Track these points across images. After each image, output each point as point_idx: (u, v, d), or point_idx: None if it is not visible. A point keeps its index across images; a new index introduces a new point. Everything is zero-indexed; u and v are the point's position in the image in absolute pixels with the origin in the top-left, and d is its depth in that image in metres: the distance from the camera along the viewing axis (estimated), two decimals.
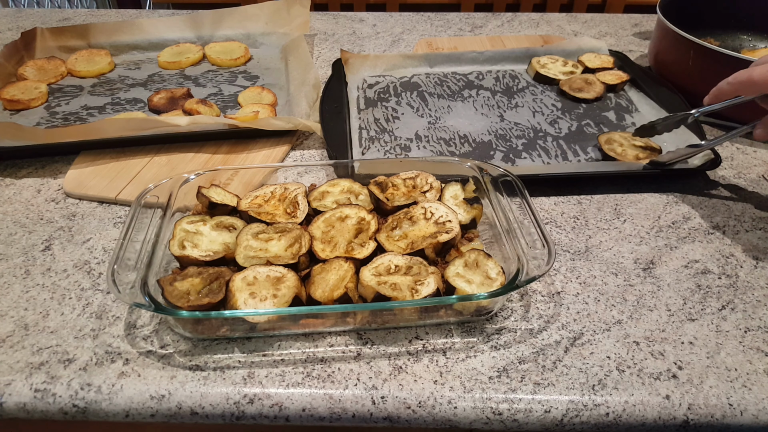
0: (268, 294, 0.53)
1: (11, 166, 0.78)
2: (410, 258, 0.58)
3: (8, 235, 0.67)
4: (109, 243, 0.66)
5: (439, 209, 0.63)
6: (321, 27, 1.22)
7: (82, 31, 1.07)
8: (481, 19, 1.25)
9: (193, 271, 0.56)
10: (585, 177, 0.75)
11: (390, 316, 0.55)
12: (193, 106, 0.88)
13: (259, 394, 0.50)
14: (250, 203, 0.66)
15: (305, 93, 0.90)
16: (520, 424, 0.50)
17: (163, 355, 0.53)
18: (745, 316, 0.58)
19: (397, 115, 0.90)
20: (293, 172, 0.77)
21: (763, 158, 0.81)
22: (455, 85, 0.98)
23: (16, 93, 0.92)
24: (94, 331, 0.55)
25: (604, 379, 0.51)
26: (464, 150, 0.82)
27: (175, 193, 0.64)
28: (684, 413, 0.49)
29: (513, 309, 0.58)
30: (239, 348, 0.54)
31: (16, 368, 0.52)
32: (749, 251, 0.66)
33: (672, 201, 0.73)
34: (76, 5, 1.99)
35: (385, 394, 0.50)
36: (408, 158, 0.80)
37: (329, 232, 0.62)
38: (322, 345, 0.54)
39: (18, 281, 0.61)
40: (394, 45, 1.15)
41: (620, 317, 0.58)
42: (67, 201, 0.73)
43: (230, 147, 0.82)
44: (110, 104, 0.93)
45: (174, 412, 0.50)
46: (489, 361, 0.53)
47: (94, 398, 0.50)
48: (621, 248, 0.66)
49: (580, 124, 0.88)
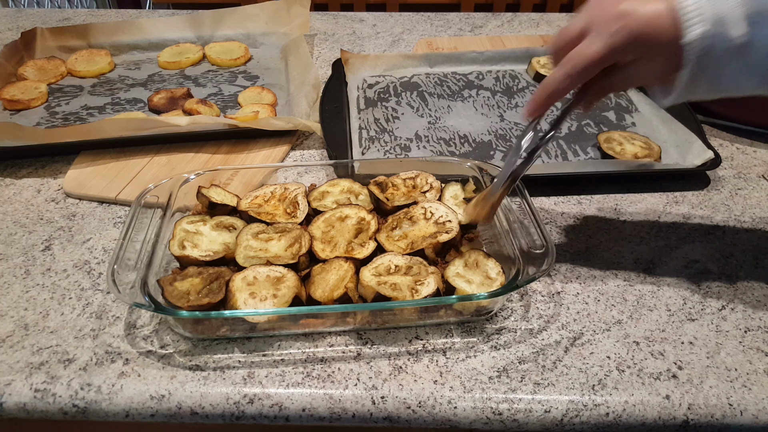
0: (268, 294, 0.53)
1: (11, 166, 0.78)
2: (410, 258, 0.58)
3: (8, 235, 0.67)
4: (109, 243, 0.66)
5: (439, 209, 0.63)
6: (321, 27, 1.22)
7: (82, 31, 1.07)
8: (481, 19, 1.25)
9: (193, 271, 0.56)
10: (585, 177, 0.75)
11: (390, 316, 0.55)
12: (193, 106, 0.88)
13: (259, 394, 0.50)
14: (250, 203, 0.66)
15: (305, 93, 0.90)
16: (520, 424, 0.50)
17: (163, 355, 0.53)
18: (745, 316, 0.58)
19: (397, 115, 0.90)
20: (293, 172, 0.77)
21: (763, 158, 0.81)
22: (455, 85, 0.98)
23: (16, 93, 0.92)
24: (94, 331, 0.55)
25: (604, 379, 0.51)
26: (464, 150, 0.82)
27: (175, 193, 0.64)
28: (684, 413, 0.49)
29: (513, 309, 0.58)
30: (239, 348, 0.54)
31: (16, 368, 0.52)
32: (749, 251, 0.66)
33: (672, 201, 0.73)
34: (76, 5, 1.99)
35: (385, 394, 0.50)
36: (408, 158, 0.80)
37: (329, 232, 0.62)
38: (322, 345, 0.54)
39: (18, 281, 0.61)
40: (394, 45, 1.15)
41: (620, 317, 0.58)
42: (67, 201, 0.73)
43: (230, 147, 0.82)
44: (110, 104, 0.93)
45: (174, 412, 0.50)
46: (489, 361, 0.53)
47: (94, 398, 0.50)
48: (621, 248, 0.66)
49: (579, 124, 0.88)
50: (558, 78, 0.46)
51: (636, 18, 0.43)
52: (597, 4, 0.46)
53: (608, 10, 0.44)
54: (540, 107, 0.49)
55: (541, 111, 0.49)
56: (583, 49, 0.45)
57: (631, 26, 0.43)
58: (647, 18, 0.43)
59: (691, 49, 0.41)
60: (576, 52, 0.46)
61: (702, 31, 0.40)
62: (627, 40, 0.44)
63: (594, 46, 0.44)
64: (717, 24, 0.39)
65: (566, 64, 0.46)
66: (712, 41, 0.40)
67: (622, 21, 0.43)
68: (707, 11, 0.39)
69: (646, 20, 0.43)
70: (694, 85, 0.43)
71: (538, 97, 0.49)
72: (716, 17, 0.39)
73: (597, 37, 0.44)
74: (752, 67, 0.41)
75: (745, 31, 0.39)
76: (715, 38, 0.40)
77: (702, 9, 0.39)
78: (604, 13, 0.45)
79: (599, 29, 0.45)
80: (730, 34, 0.40)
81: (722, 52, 0.40)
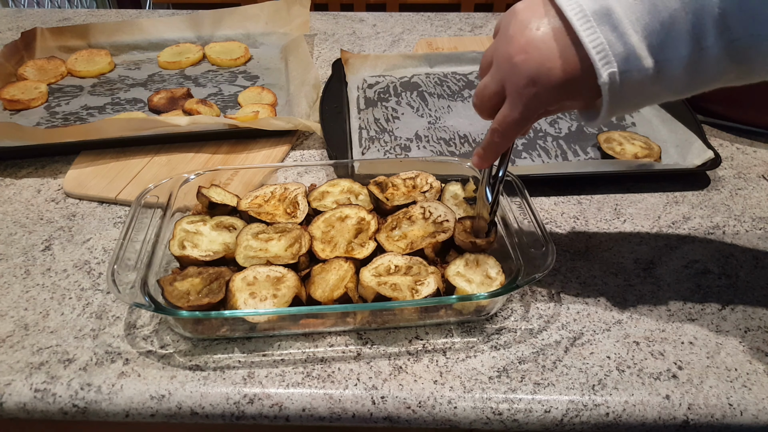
0: (268, 294, 0.53)
1: (11, 166, 0.78)
2: (410, 258, 0.58)
3: (8, 235, 0.67)
4: (109, 243, 0.66)
5: (438, 209, 0.63)
6: (321, 27, 1.22)
7: (82, 31, 1.07)
8: (481, 19, 1.25)
9: (193, 271, 0.56)
10: (585, 177, 0.75)
11: (390, 316, 0.55)
12: (193, 106, 0.88)
13: (259, 394, 0.50)
14: (250, 203, 0.66)
15: (305, 93, 0.90)
16: (520, 424, 0.50)
17: (163, 355, 0.53)
18: (745, 316, 0.58)
19: (397, 115, 0.90)
20: (293, 172, 0.77)
21: (763, 158, 0.81)
22: (455, 85, 0.98)
23: (16, 93, 0.92)
24: (94, 331, 0.55)
25: (604, 379, 0.51)
26: (464, 150, 0.82)
27: (175, 193, 0.64)
28: (684, 413, 0.49)
29: (513, 309, 0.58)
30: (239, 348, 0.54)
31: (16, 368, 0.52)
32: (749, 251, 0.66)
33: (672, 201, 0.73)
34: (76, 5, 1.99)
35: (385, 394, 0.50)
36: (408, 158, 0.80)
37: (329, 232, 0.62)
38: (322, 345, 0.54)
39: (18, 281, 0.61)
40: (394, 45, 1.15)
41: (620, 317, 0.58)
42: (67, 201, 0.73)
43: (230, 147, 0.82)
44: (110, 104, 0.93)
45: (174, 412, 0.50)
46: (489, 361, 0.53)
47: (94, 398, 0.50)
48: (621, 248, 0.66)
49: (579, 124, 0.88)
50: (494, 141, 0.51)
51: (547, 83, 0.44)
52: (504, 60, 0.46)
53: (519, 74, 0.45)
54: (487, 161, 0.54)
55: (490, 162, 0.55)
56: (507, 116, 0.48)
57: (544, 93, 0.45)
58: (558, 79, 0.44)
59: (605, 88, 0.42)
60: (502, 119, 0.48)
61: (612, 71, 0.41)
62: (544, 102, 0.45)
63: (514, 113, 0.47)
64: (625, 61, 0.41)
65: (496, 131, 0.50)
66: (625, 76, 0.42)
67: (534, 88, 0.44)
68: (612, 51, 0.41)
69: (557, 82, 0.44)
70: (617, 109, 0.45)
71: (483, 154, 0.53)
72: (623, 55, 0.41)
73: (514, 105, 0.47)
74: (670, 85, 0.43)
75: (654, 60, 0.41)
76: (628, 73, 0.42)
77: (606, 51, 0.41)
78: (515, 76, 0.45)
79: (515, 96, 0.46)
80: (642, 65, 0.42)
81: (638, 81, 0.42)
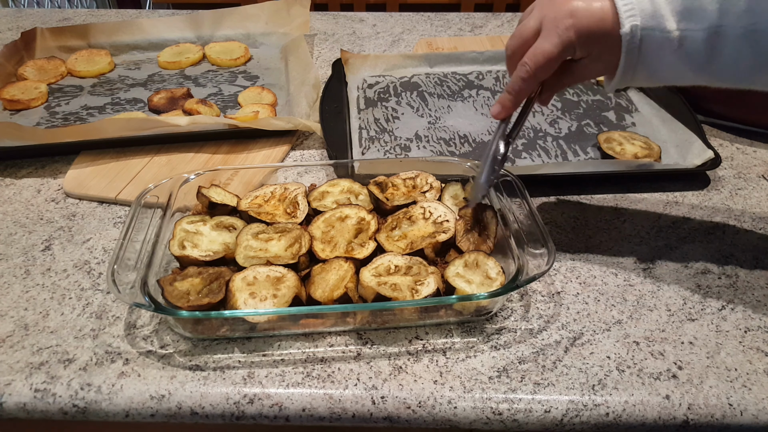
0: (268, 294, 0.53)
1: (11, 166, 0.78)
2: (410, 258, 0.58)
3: (8, 235, 0.67)
4: (109, 243, 0.66)
5: (438, 209, 0.63)
6: (321, 27, 1.22)
7: (82, 31, 1.07)
8: (481, 19, 1.25)
9: (193, 271, 0.56)
10: (585, 177, 0.75)
11: (390, 316, 0.55)
12: (193, 106, 0.88)
13: (259, 394, 0.50)
14: (250, 203, 0.66)
15: (305, 93, 0.90)
16: (520, 424, 0.50)
17: (163, 355, 0.53)
18: (745, 316, 0.58)
19: (397, 115, 0.90)
20: (293, 172, 0.77)
21: (763, 158, 0.81)
22: (455, 85, 0.98)
23: (16, 93, 0.92)
24: (94, 331, 0.55)
25: (604, 379, 0.51)
26: (464, 150, 0.82)
27: (175, 193, 0.64)
28: (684, 413, 0.49)
29: (513, 309, 0.58)
30: (239, 348, 0.54)
31: (16, 368, 0.52)
32: (749, 251, 0.66)
33: (672, 201, 0.73)
34: (76, 5, 1.99)
35: (385, 394, 0.50)
36: (408, 158, 0.80)
37: (329, 232, 0.62)
38: (322, 345, 0.54)
39: (18, 281, 0.61)
40: (394, 45, 1.15)
41: (620, 317, 0.58)
42: (67, 201, 0.73)
43: (230, 147, 0.82)
44: (110, 104, 0.93)
45: (174, 412, 0.50)
46: (489, 361, 0.53)
47: (94, 398, 0.50)
48: (621, 248, 0.66)
49: (579, 124, 0.88)
50: (521, 77, 0.50)
51: (584, 16, 0.47)
52: (548, 2, 0.49)
53: (559, 9, 0.48)
54: (507, 108, 0.52)
55: (509, 111, 0.53)
56: (538, 47, 0.49)
57: (580, 24, 0.47)
58: (593, 15, 0.47)
59: (626, 39, 0.45)
60: (533, 51, 0.49)
61: (635, 23, 0.44)
62: (577, 37, 0.48)
63: (548, 44, 0.48)
64: (650, 17, 0.44)
65: (526, 64, 0.50)
66: (646, 33, 0.44)
67: (572, 19, 0.47)
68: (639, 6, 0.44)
69: (592, 17, 0.47)
70: (632, 71, 0.47)
71: (505, 98, 0.52)
72: (649, 12, 0.44)
73: (550, 36, 0.48)
74: (688, 59, 0.45)
75: (677, 26, 0.44)
76: (650, 30, 0.44)
77: (634, 4, 0.44)
78: (555, 11, 0.48)
79: (551, 27, 0.48)
80: (664, 27, 0.44)
81: (658, 44, 0.44)
